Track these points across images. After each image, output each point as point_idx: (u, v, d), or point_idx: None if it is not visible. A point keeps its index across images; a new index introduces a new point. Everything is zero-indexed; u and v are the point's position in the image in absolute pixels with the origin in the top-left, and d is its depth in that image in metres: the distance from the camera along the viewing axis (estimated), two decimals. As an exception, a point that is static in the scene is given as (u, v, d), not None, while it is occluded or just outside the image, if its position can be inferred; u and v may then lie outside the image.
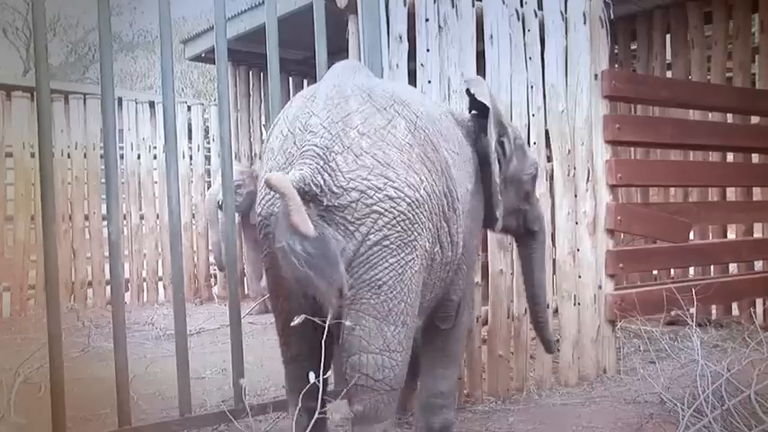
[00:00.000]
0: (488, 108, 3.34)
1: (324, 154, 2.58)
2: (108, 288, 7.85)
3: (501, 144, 3.44)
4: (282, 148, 2.74)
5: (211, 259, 9.85)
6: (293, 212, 2.31)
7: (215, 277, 10.01)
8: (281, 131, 2.80)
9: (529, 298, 4.02)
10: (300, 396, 2.72)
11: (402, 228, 2.63)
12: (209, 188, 9.07)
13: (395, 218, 2.61)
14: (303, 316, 2.54)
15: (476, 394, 4.39)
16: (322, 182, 2.55)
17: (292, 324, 2.54)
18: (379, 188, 2.59)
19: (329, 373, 3.10)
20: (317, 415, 2.69)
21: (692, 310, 4.72)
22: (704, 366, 3.75)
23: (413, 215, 2.65)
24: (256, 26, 7.45)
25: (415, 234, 2.67)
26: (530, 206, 3.75)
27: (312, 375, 2.53)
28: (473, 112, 3.52)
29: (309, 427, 2.71)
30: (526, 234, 3.82)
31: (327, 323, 2.57)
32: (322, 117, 2.67)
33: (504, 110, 3.60)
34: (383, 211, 2.60)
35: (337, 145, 2.61)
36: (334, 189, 2.56)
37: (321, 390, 2.61)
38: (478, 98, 3.38)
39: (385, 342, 2.66)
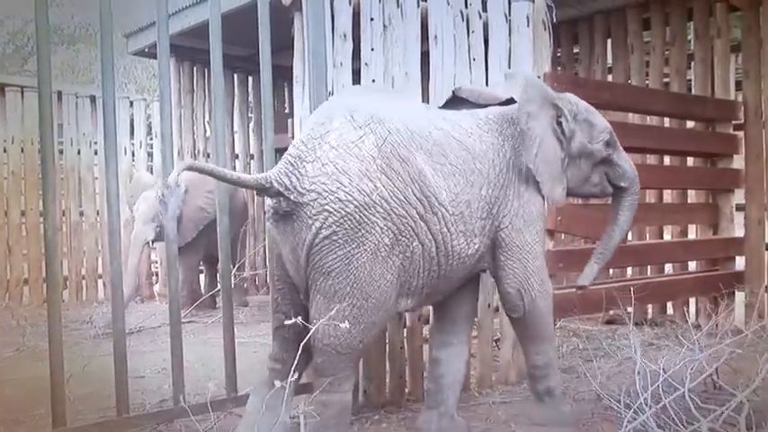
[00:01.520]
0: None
1: (294, 162, 3.14)
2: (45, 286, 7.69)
3: (559, 124, 3.81)
4: None
5: (153, 257, 9.72)
6: (171, 177, 3.03)
7: (156, 275, 9.88)
8: None
9: (604, 233, 4.20)
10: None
11: (349, 226, 3.08)
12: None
13: (342, 217, 3.07)
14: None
15: (417, 393, 4.42)
16: (288, 182, 3.10)
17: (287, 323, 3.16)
18: (333, 191, 3.08)
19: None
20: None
21: (630, 310, 4.82)
22: (640, 364, 3.84)
23: (359, 216, 3.09)
24: (201, 21, 7.37)
25: (363, 231, 3.10)
26: (610, 168, 4.03)
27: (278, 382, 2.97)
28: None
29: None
30: (615, 190, 4.14)
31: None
32: (304, 134, 3.27)
33: (545, 92, 3.81)
34: (332, 210, 3.07)
35: (310, 155, 3.14)
36: (300, 189, 3.10)
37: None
38: (509, 94, 3.80)
39: (332, 316, 3.10)
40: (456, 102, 4.00)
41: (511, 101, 3.79)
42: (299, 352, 3.02)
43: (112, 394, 3.63)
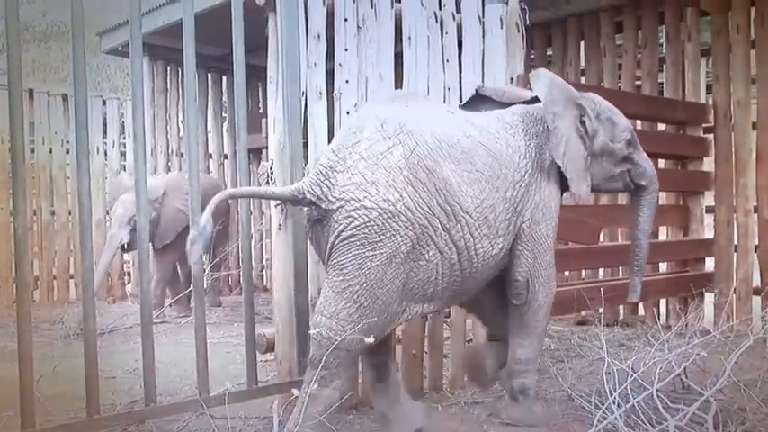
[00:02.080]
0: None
1: (326, 172, 3.29)
2: (15, 285, 7.61)
3: (582, 123, 3.95)
4: None
5: (126, 257, 9.63)
6: (204, 214, 3.23)
7: (129, 275, 9.80)
8: None
9: (630, 240, 4.43)
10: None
11: (369, 230, 3.20)
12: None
13: (364, 222, 3.20)
14: None
15: (390, 392, 4.41)
16: (319, 192, 3.26)
17: None
18: (359, 200, 3.21)
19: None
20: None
21: (601, 310, 4.86)
22: (610, 364, 3.88)
23: (382, 223, 3.21)
24: (175, 21, 7.32)
25: (382, 237, 3.22)
26: (632, 166, 4.19)
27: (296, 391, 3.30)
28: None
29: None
30: (635, 188, 4.29)
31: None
32: (335, 144, 3.42)
33: (567, 93, 3.94)
34: (357, 216, 3.21)
35: (340, 165, 3.28)
36: (330, 198, 3.25)
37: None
38: (534, 93, 3.92)
39: (336, 310, 3.25)
40: (478, 100, 4.11)
41: (535, 99, 3.90)
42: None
43: (83, 395, 3.61)
